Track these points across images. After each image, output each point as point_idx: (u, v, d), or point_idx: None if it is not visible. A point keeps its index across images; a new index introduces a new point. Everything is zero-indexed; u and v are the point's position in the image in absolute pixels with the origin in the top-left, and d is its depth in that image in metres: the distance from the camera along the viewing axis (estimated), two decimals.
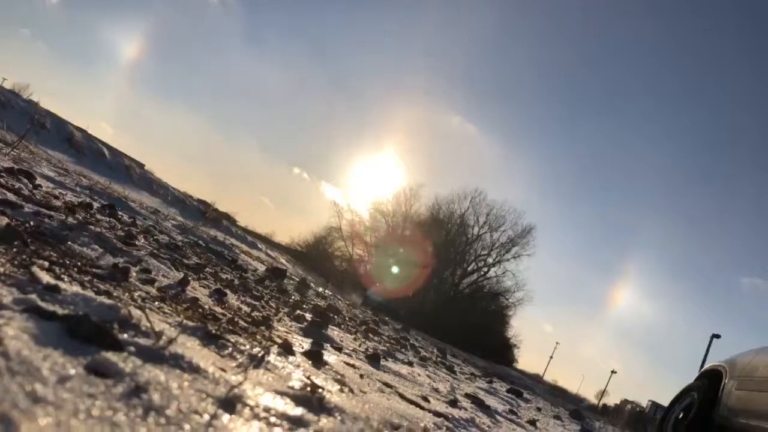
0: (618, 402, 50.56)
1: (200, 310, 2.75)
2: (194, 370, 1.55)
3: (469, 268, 57.85)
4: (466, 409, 3.43)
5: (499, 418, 3.84)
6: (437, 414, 2.72)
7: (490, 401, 4.55)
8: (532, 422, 4.32)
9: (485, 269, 57.80)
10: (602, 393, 60.19)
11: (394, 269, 49.96)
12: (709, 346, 34.41)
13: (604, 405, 50.30)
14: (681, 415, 8.15)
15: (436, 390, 3.88)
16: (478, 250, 57.40)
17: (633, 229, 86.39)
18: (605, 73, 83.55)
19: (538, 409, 6.37)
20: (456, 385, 4.85)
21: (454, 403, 3.43)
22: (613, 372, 59.69)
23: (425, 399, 3.11)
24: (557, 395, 31.23)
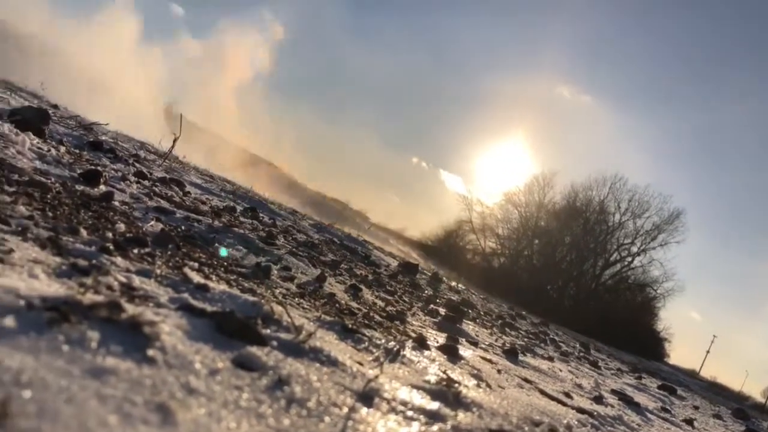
0: None
1: (337, 305, 2.84)
2: (332, 363, 1.60)
3: (611, 259, 54.85)
4: (612, 406, 3.25)
5: (650, 416, 3.59)
6: (581, 410, 2.60)
7: (639, 398, 4.28)
8: (689, 421, 4.00)
9: (629, 259, 54.46)
10: None
11: None
12: None
13: None
14: None
15: (579, 386, 3.71)
16: (620, 239, 54.22)
17: None
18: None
19: (695, 408, 5.90)
20: (601, 380, 4.62)
21: (599, 399, 3.26)
22: None
23: (567, 395, 2.99)
24: (717, 393, 28.79)
